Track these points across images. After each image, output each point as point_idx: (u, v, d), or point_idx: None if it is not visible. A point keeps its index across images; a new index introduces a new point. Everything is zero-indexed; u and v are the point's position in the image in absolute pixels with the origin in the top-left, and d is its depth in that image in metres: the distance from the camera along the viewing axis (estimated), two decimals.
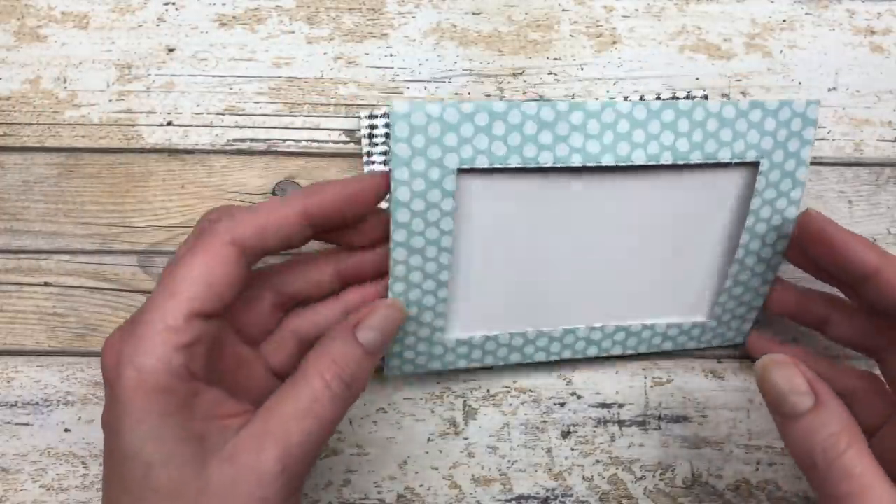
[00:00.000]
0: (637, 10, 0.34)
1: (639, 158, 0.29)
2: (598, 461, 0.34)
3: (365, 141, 0.34)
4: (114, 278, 0.34)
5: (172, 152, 0.34)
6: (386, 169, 0.29)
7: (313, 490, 0.34)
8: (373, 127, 0.34)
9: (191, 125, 0.34)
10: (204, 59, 0.34)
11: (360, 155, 0.34)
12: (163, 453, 0.23)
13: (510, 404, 0.34)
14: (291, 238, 0.26)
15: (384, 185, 0.27)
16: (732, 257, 0.31)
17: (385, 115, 0.33)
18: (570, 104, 0.28)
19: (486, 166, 0.27)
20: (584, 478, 0.34)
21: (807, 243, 0.29)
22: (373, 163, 0.34)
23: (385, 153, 0.33)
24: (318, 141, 0.34)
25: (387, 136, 0.33)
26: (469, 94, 0.34)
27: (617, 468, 0.34)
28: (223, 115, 0.34)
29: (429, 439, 0.34)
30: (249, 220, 0.25)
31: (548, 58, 0.34)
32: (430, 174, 0.27)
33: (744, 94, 0.34)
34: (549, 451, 0.34)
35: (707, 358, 0.35)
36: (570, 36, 0.34)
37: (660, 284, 0.32)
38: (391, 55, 0.34)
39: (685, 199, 0.30)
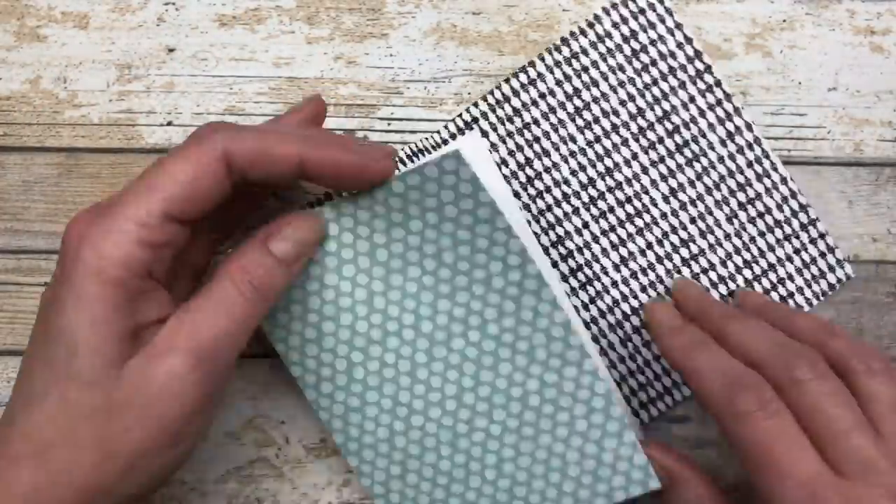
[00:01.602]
0: None
1: None
2: None
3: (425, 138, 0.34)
4: None
5: None
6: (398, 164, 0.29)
7: (313, 490, 0.34)
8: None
9: (191, 125, 0.34)
10: (204, 59, 0.34)
11: None
12: (94, 343, 0.23)
13: None
14: (278, 179, 0.26)
15: (388, 173, 0.27)
16: None
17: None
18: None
19: None
20: None
21: None
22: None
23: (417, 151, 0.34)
24: None
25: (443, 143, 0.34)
26: (469, 93, 0.34)
27: None
28: (223, 115, 0.34)
29: None
30: (249, 144, 0.25)
31: None
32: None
33: (744, 93, 0.34)
34: None
35: None
36: None
37: None
38: (391, 55, 0.34)
39: None
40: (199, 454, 0.34)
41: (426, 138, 0.34)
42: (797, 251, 0.33)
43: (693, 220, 0.33)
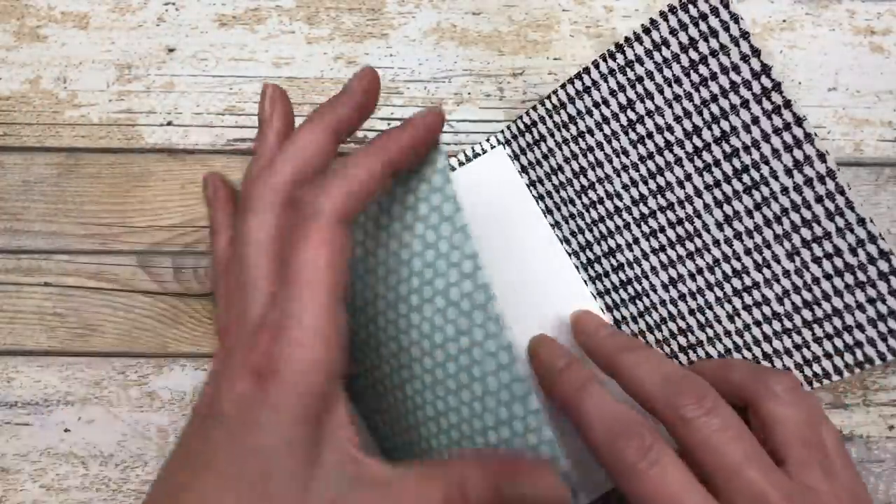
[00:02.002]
0: (637, 10, 0.34)
1: None
2: None
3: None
4: (114, 278, 0.34)
5: (172, 152, 0.34)
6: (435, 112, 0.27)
7: None
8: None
9: (191, 125, 0.34)
10: (204, 59, 0.34)
11: None
12: (289, 468, 0.22)
13: None
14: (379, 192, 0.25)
15: (440, 124, 0.26)
16: None
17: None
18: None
19: None
20: None
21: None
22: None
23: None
24: None
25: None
26: (469, 93, 0.34)
27: None
28: (223, 115, 0.34)
29: None
30: (351, 193, 0.24)
31: (548, 58, 0.34)
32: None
33: None
34: None
35: None
36: (570, 36, 0.34)
37: None
38: (391, 55, 0.34)
39: None
40: None
41: (486, 140, 0.34)
42: (871, 301, 0.30)
43: (748, 252, 0.31)
